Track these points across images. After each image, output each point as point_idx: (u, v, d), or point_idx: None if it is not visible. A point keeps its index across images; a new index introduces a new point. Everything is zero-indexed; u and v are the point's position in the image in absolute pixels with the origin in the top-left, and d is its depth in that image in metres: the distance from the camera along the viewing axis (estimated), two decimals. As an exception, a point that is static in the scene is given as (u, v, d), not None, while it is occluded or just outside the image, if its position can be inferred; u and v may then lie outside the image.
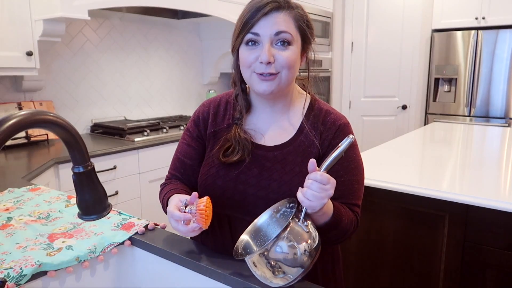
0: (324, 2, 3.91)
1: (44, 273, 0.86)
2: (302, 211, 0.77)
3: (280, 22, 0.87)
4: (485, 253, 1.39)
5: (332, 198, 0.91)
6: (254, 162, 0.93)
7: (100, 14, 2.73)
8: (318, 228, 0.82)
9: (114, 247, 0.98)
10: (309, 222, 0.77)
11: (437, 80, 4.12)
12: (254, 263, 0.74)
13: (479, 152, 2.21)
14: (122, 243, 0.99)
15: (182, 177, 1.04)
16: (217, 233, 0.98)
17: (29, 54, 2.11)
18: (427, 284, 1.53)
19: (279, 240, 0.72)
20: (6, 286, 0.78)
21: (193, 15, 3.05)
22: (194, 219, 0.83)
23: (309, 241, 0.74)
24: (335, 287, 1.02)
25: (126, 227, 1.04)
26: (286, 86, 0.92)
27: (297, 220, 0.76)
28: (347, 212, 0.90)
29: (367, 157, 1.95)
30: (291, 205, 0.83)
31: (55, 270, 0.87)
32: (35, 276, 0.84)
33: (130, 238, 1.00)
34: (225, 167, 0.95)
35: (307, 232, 0.75)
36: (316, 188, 0.75)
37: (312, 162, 0.77)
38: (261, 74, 0.88)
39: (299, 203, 0.78)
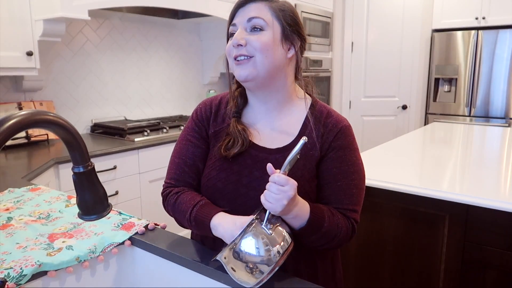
0: (324, 2, 3.91)
1: (44, 273, 0.86)
2: (266, 214, 0.79)
3: (253, 10, 0.90)
4: (485, 253, 1.39)
5: (328, 203, 0.91)
6: (256, 164, 0.92)
7: (100, 14, 2.73)
8: (295, 232, 0.84)
9: (114, 247, 0.98)
10: (275, 225, 0.79)
11: (437, 80, 4.12)
12: (226, 258, 0.77)
13: (479, 152, 2.21)
14: (122, 243, 0.99)
15: (194, 183, 0.98)
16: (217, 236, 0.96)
17: (29, 54, 2.11)
18: (427, 284, 1.53)
19: (245, 234, 0.76)
20: (6, 286, 0.78)
21: (193, 15, 3.05)
22: None
23: (274, 242, 0.77)
24: (335, 284, 1.02)
25: (126, 227, 1.04)
26: (265, 74, 0.90)
27: (260, 222, 0.79)
28: (335, 217, 0.88)
29: (367, 157, 1.95)
30: (258, 211, 0.84)
31: (55, 270, 0.87)
32: (35, 276, 0.84)
33: (130, 238, 1.00)
34: (225, 169, 0.93)
35: (270, 234, 0.77)
36: (274, 190, 0.76)
37: (269, 166, 0.79)
38: (236, 59, 0.90)
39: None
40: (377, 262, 1.64)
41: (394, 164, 1.88)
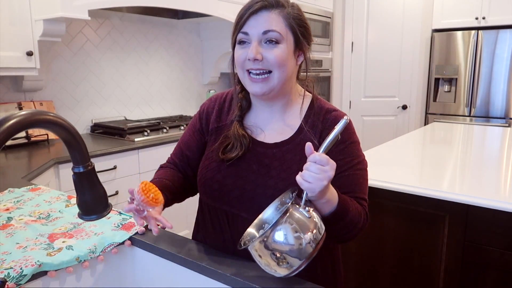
0: (324, 2, 3.91)
1: (44, 273, 0.86)
2: (303, 196, 0.76)
3: (268, 21, 0.88)
4: (485, 253, 1.39)
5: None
6: (253, 158, 0.94)
7: (100, 14, 2.73)
8: (324, 219, 0.81)
9: (114, 247, 0.98)
10: (311, 208, 0.76)
11: (437, 80, 4.12)
12: (256, 251, 0.74)
13: (479, 152, 2.21)
14: (122, 243, 0.99)
15: (180, 164, 1.07)
16: (217, 230, 0.98)
17: (29, 54, 2.11)
18: (427, 284, 1.53)
19: (278, 225, 0.72)
20: (6, 286, 0.78)
21: (193, 15, 3.05)
22: (146, 206, 0.85)
23: (311, 228, 0.73)
24: (335, 286, 1.02)
25: (126, 227, 1.04)
26: (280, 86, 0.92)
27: (297, 206, 0.75)
28: (354, 203, 0.89)
29: (367, 157, 1.94)
30: (294, 194, 0.80)
31: (55, 270, 0.87)
32: (35, 276, 0.85)
33: (130, 238, 1.00)
34: (225, 162, 0.95)
35: (309, 217, 0.74)
36: (315, 170, 0.74)
37: (309, 145, 0.77)
38: (251, 74, 0.90)
39: (301, 191, 0.77)
40: (377, 262, 1.64)
41: (394, 164, 1.87)
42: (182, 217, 2.66)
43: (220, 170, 0.95)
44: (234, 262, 0.87)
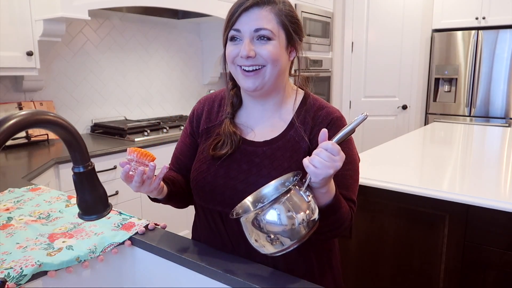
0: (324, 2, 3.91)
1: (44, 273, 0.86)
2: (306, 180, 0.76)
3: (260, 18, 0.88)
4: (485, 253, 1.39)
5: None
6: (244, 158, 0.94)
7: (100, 14, 2.73)
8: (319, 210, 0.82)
9: (115, 247, 0.98)
10: (311, 194, 0.77)
11: (437, 80, 4.12)
12: (248, 224, 0.75)
13: (479, 152, 2.21)
14: (122, 243, 0.99)
15: (178, 172, 1.07)
16: (213, 231, 0.98)
17: (30, 54, 2.11)
18: (427, 284, 1.53)
19: (277, 203, 0.72)
20: (6, 286, 0.78)
21: (193, 15, 3.05)
22: (145, 168, 0.90)
23: (307, 212, 0.74)
24: (333, 282, 1.02)
25: (126, 227, 1.04)
26: (272, 82, 0.92)
27: (298, 188, 0.75)
28: (344, 202, 0.89)
29: (367, 157, 1.95)
30: (295, 178, 0.81)
31: (56, 270, 0.87)
32: (36, 276, 0.85)
33: (130, 238, 1.00)
34: (215, 163, 0.95)
35: (308, 202, 0.75)
36: (325, 156, 0.74)
37: (324, 131, 0.77)
38: (244, 70, 0.90)
39: (304, 176, 0.78)
40: (377, 262, 1.64)
41: (394, 164, 1.87)
42: (182, 217, 2.67)
43: (210, 171, 0.95)
44: (233, 262, 0.87)
